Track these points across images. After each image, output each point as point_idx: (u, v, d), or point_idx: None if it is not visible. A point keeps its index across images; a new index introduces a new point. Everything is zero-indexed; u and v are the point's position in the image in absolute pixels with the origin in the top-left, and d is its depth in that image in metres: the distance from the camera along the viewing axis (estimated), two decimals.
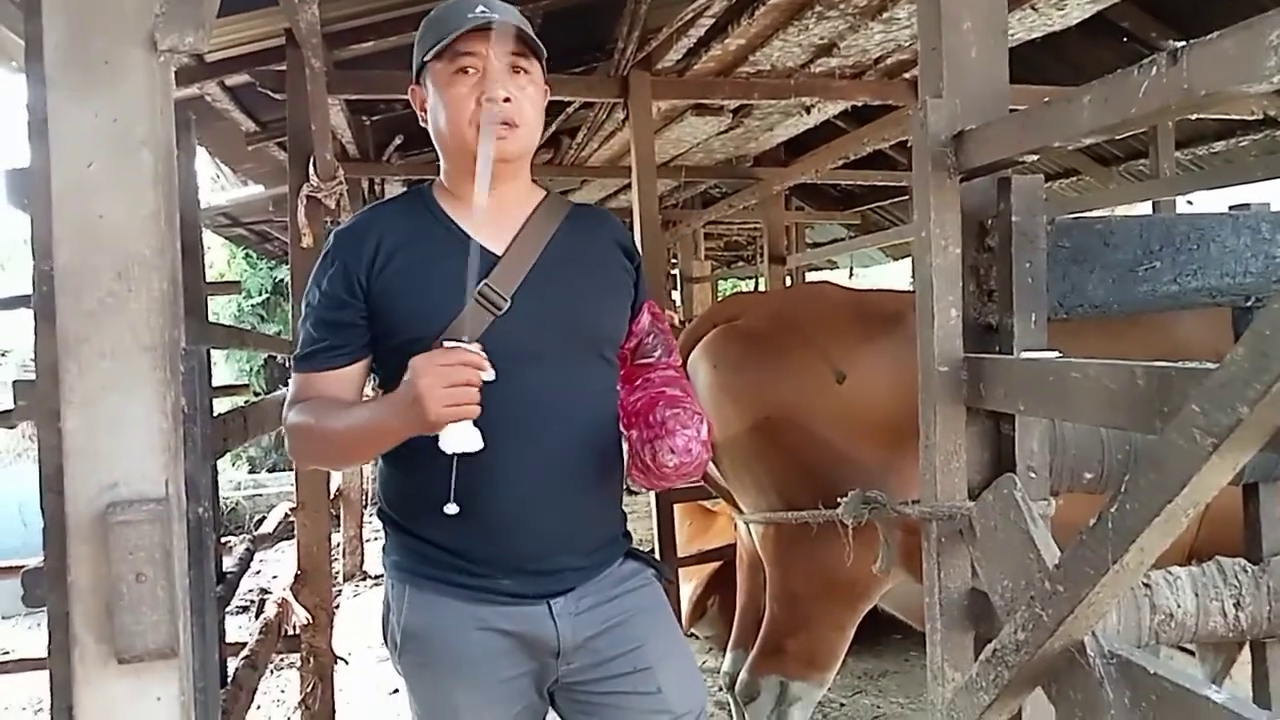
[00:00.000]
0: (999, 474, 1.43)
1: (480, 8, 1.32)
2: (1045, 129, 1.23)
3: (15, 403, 1.38)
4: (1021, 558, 1.27)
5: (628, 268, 1.48)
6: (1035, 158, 1.31)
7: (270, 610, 2.76)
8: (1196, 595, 1.44)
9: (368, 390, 1.42)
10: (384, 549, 1.46)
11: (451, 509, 1.25)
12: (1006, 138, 1.31)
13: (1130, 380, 1.08)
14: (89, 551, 1.12)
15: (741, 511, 2.29)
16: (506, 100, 1.32)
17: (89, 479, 1.13)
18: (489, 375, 1.20)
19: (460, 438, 1.20)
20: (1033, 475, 1.43)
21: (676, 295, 8.32)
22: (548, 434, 1.35)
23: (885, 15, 2.92)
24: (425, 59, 1.35)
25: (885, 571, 1.62)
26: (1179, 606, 1.42)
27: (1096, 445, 1.54)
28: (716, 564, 3.52)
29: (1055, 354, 1.34)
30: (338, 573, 5.38)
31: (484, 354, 1.19)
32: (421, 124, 1.41)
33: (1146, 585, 1.42)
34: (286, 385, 1.51)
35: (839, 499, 1.65)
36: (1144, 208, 4.57)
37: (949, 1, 1.46)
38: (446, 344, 1.19)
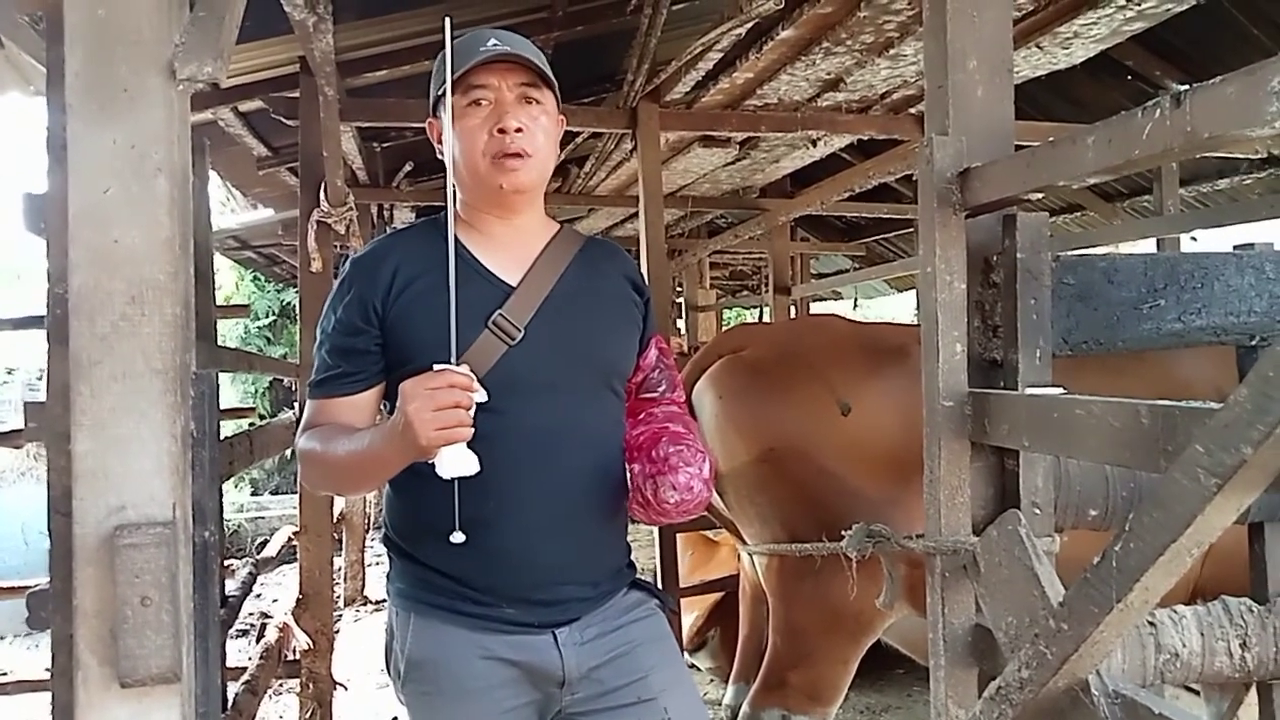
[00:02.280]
0: (1003, 509, 1.43)
1: (493, 40, 1.34)
2: (1049, 168, 1.24)
3: (25, 423, 1.39)
4: (1026, 594, 1.26)
5: (637, 302, 1.49)
6: (1040, 196, 1.33)
7: (271, 635, 2.75)
8: (1202, 634, 1.43)
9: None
10: (388, 576, 1.46)
11: (458, 538, 1.24)
12: (1011, 176, 1.33)
13: (1134, 418, 1.08)
14: (95, 574, 1.13)
15: (745, 542, 2.28)
16: (518, 130, 1.34)
17: (97, 501, 1.14)
18: (480, 396, 1.19)
19: (455, 462, 1.19)
20: (1037, 511, 1.43)
21: (681, 324, 8.34)
22: (557, 464, 1.35)
23: (892, 52, 2.96)
24: (439, 92, 1.37)
25: (889, 606, 1.61)
26: (1184, 646, 1.41)
27: (1101, 482, 1.54)
28: (718, 595, 3.50)
29: (1060, 390, 1.34)
30: (339, 597, 5.36)
31: (472, 375, 1.19)
32: (438, 156, 1.43)
33: (1151, 624, 1.41)
34: (291, 408, 1.51)
35: (843, 531, 1.65)
36: (1148, 244, 4.58)
37: (955, 40, 1.48)
38: (435, 367, 1.19)
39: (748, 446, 2.14)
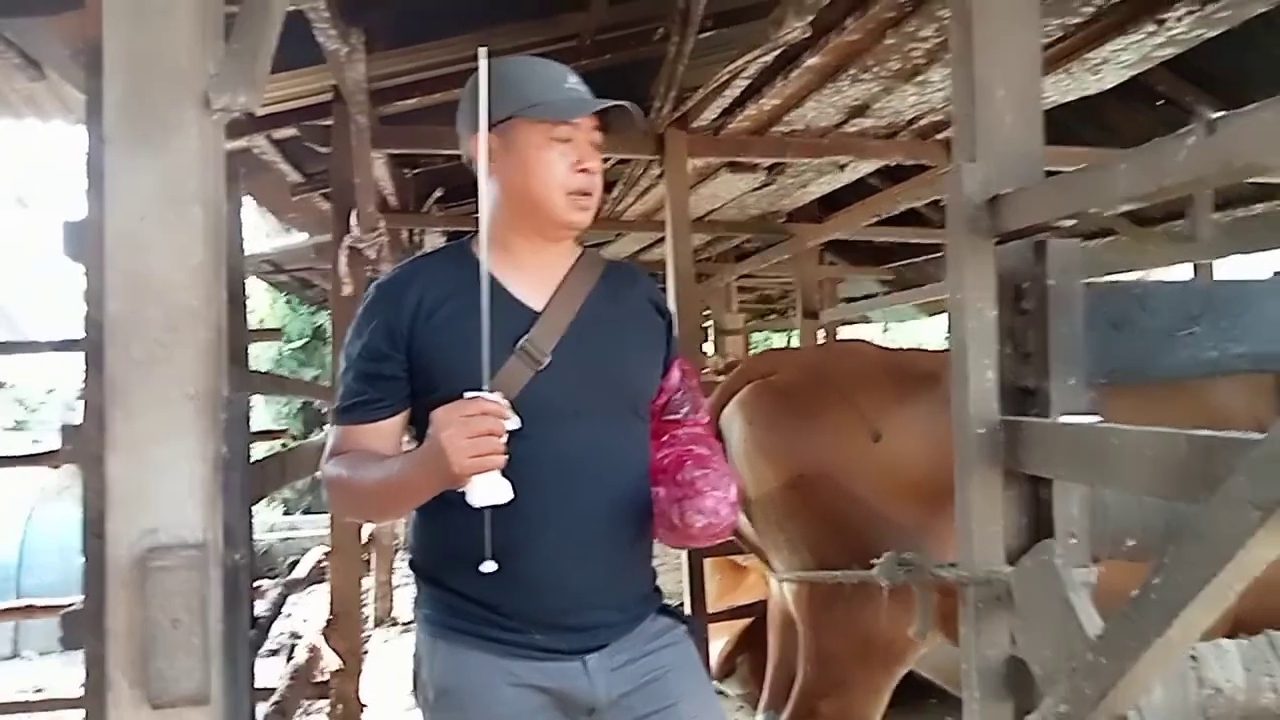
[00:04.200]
0: (1037, 539, 1.41)
1: (572, 79, 1.38)
2: (1081, 195, 1.23)
3: (62, 446, 1.41)
4: (1062, 627, 1.24)
5: (659, 324, 1.50)
6: (1071, 223, 1.31)
7: (301, 656, 2.75)
8: (1247, 670, 1.39)
9: (407, 444, 1.43)
10: (415, 601, 1.46)
11: (489, 567, 1.24)
12: (1042, 203, 1.32)
13: (1173, 448, 1.06)
14: (127, 596, 1.14)
15: (774, 570, 2.26)
16: (594, 172, 1.39)
17: (130, 524, 1.15)
18: (513, 424, 1.19)
19: (488, 490, 1.18)
20: (1072, 541, 1.40)
21: (710, 347, 8.32)
22: (584, 489, 1.35)
23: (919, 78, 2.95)
24: (504, 118, 1.34)
25: (921, 636, 1.59)
26: (1228, 681, 1.38)
27: (1138, 511, 1.50)
28: (747, 620, 3.46)
29: (1095, 419, 1.32)
30: (368, 618, 5.36)
31: (505, 402, 1.19)
32: (471, 169, 1.39)
33: (1193, 658, 1.37)
34: (323, 429, 1.52)
35: (874, 559, 1.62)
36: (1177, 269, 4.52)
37: (983, 68, 1.48)
38: (467, 394, 1.19)
39: (777, 473, 2.12)
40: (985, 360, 1.43)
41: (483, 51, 1.24)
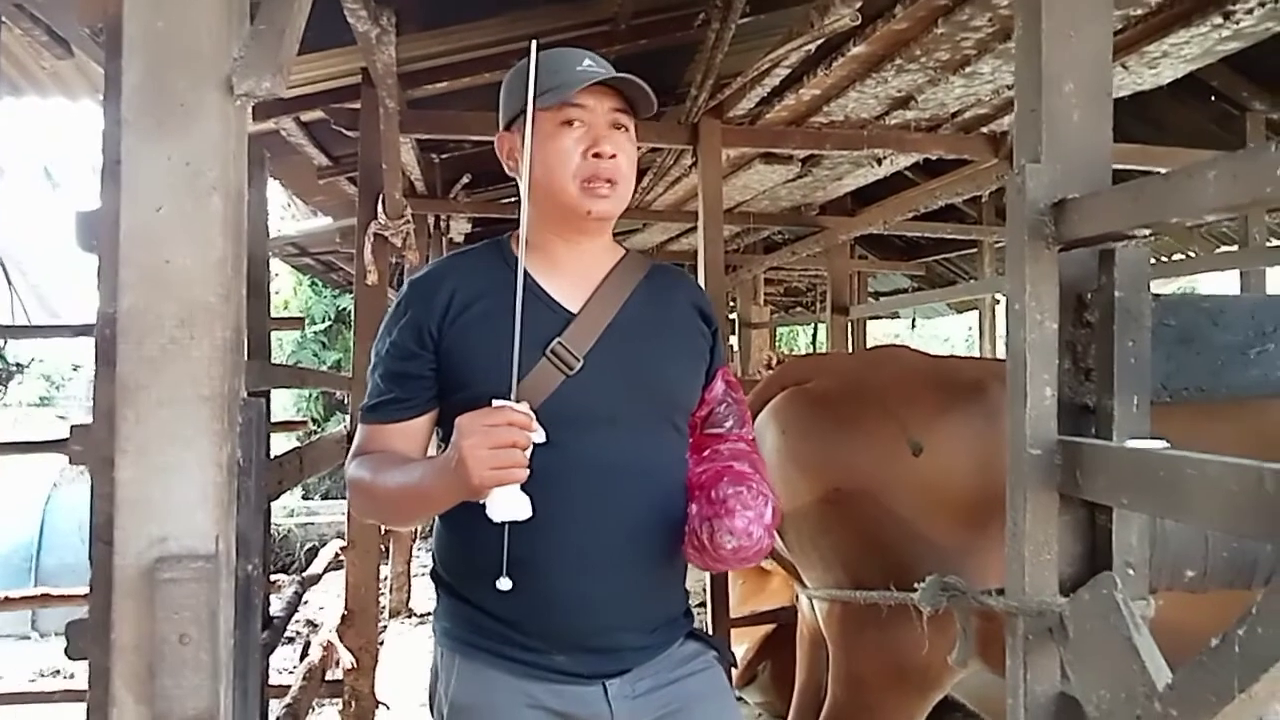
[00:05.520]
0: (1093, 568, 1.32)
1: (588, 61, 1.29)
2: (1161, 203, 1.14)
3: (70, 447, 1.36)
4: (1123, 668, 1.16)
5: (704, 332, 1.42)
6: (1147, 233, 1.22)
7: (315, 653, 2.72)
8: None
9: (433, 448, 1.37)
10: (435, 614, 1.41)
11: (504, 584, 1.19)
12: (1116, 210, 1.22)
13: (1257, 482, 0.98)
14: (134, 608, 1.09)
15: (805, 585, 2.18)
16: (612, 157, 1.29)
17: (139, 531, 1.09)
18: (539, 437, 1.14)
19: (507, 505, 1.13)
20: (1131, 572, 1.32)
21: (734, 340, 8.23)
22: (613, 503, 1.28)
23: (968, 70, 2.85)
24: (521, 108, 1.28)
25: (962, 664, 1.51)
26: None
27: (1200, 540, 1.42)
28: (770, 627, 3.40)
29: (1163, 444, 1.23)
30: (383, 608, 5.34)
31: (532, 414, 1.13)
32: (509, 172, 1.37)
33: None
34: (343, 412, 1.47)
35: (912, 580, 1.55)
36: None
37: (1050, 61, 1.38)
38: (495, 402, 1.14)
39: (811, 486, 2.03)
40: (1044, 376, 1.34)
41: (533, 44, 1.18)
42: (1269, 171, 0.97)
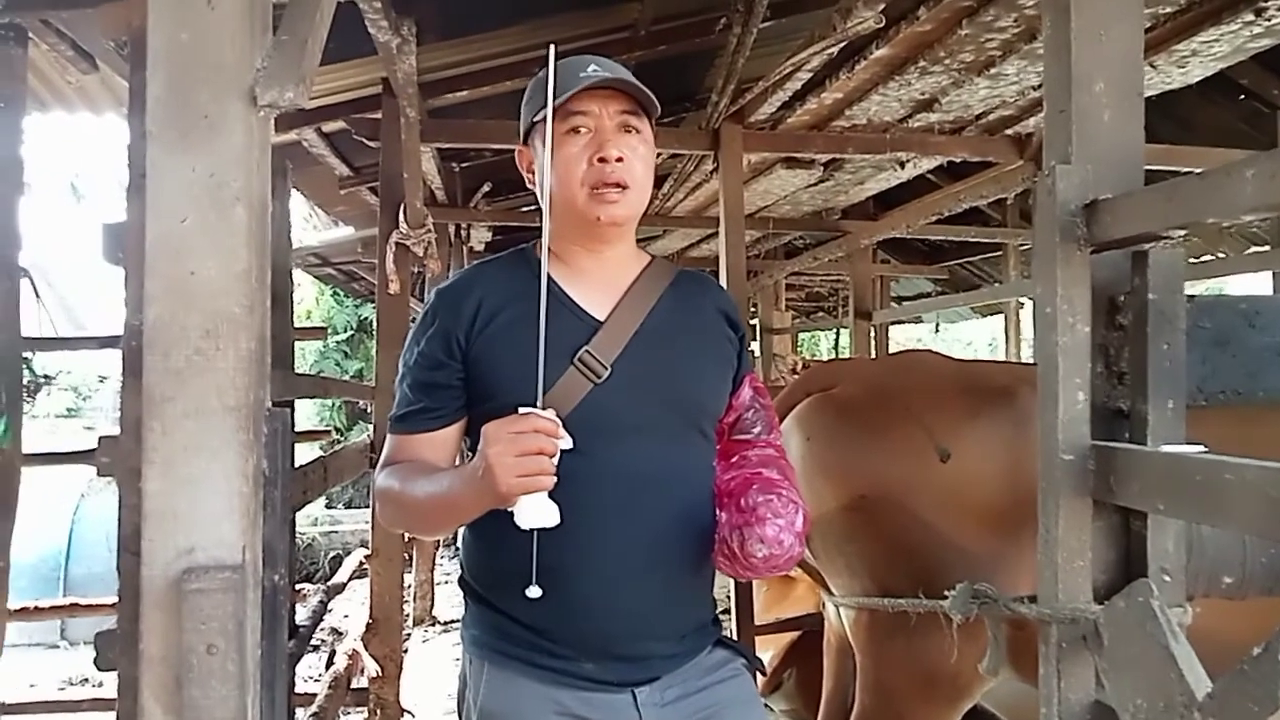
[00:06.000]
0: (1127, 574, 1.30)
1: (593, 66, 1.28)
2: (1197, 203, 1.12)
3: (98, 458, 1.37)
4: (1160, 677, 1.13)
5: (731, 338, 1.41)
6: (1181, 234, 1.20)
7: (341, 662, 2.72)
8: None
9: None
10: (463, 621, 1.40)
11: (534, 592, 1.18)
12: (1150, 210, 1.20)
13: None
14: (161, 619, 1.09)
15: (832, 593, 2.16)
16: (619, 160, 1.28)
17: (166, 543, 1.09)
18: (566, 444, 1.13)
19: (535, 512, 1.12)
20: (1167, 579, 1.30)
21: (756, 346, 8.21)
22: (642, 510, 1.27)
23: (993, 71, 2.82)
24: (535, 119, 1.31)
25: (993, 672, 1.49)
26: None
27: (1238, 546, 1.39)
28: (795, 633, 3.36)
29: (1199, 448, 1.21)
30: (408, 616, 5.36)
31: (558, 421, 1.13)
32: (529, 185, 1.37)
33: None
34: (366, 422, 1.47)
35: (940, 587, 1.52)
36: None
37: (1080, 60, 1.37)
38: (521, 410, 1.13)
39: (837, 493, 2.01)
40: (1077, 380, 1.32)
41: (551, 50, 1.17)
42: None
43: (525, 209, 5.46)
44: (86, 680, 5.09)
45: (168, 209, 1.11)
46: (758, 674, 1.44)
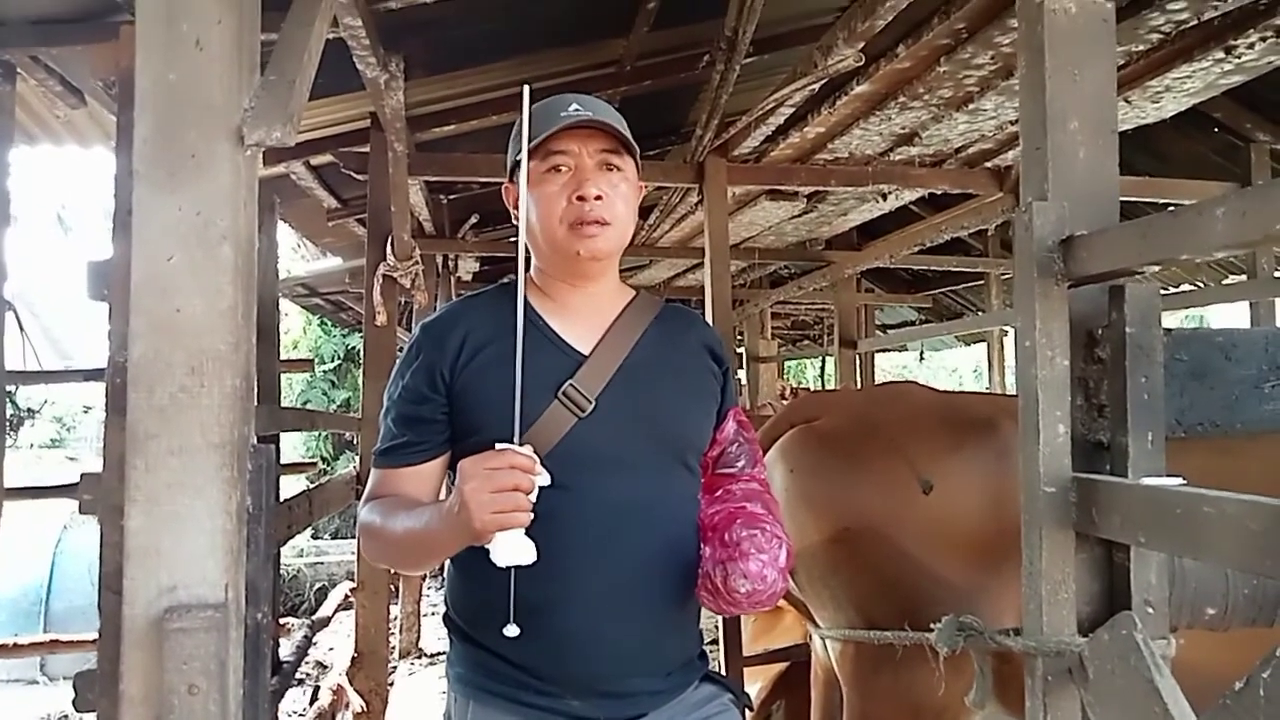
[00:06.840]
0: (1111, 606, 1.30)
1: (574, 105, 1.30)
2: (1169, 240, 1.14)
3: (80, 495, 1.36)
4: (1145, 710, 1.14)
5: (715, 372, 1.42)
6: (1155, 269, 1.22)
7: (325, 697, 2.69)
8: None
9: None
10: (448, 658, 1.39)
11: (511, 631, 1.17)
12: (1124, 247, 1.22)
13: (1277, 521, 0.96)
14: (142, 659, 1.08)
15: (818, 625, 2.15)
16: (598, 198, 1.29)
17: (148, 581, 1.09)
18: (543, 480, 1.13)
19: (510, 550, 1.11)
20: (1150, 611, 1.30)
21: (743, 374, 8.23)
22: (626, 545, 1.27)
23: (971, 106, 2.86)
24: (517, 158, 1.32)
25: (980, 705, 1.48)
26: None
27: (1220, 577, 1.40)
28: (784, 665, 3.35)
29: (1179, 481, 1.22)
30: (393, 648, 5.30)
31: (535, 457, 1.13)
32: (515, 222, 1.38)
33: None
34: (353, 452, 1.47)
35: (925, 620, 1.52)
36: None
37: (1055, 99, 1.39)
38: (498, 446, 1.13)
39: (820, 525, 2.01)
40: (1057, 413, 1.33)
41: (526, 90, 1.19)
42: (1278, 208, 0.97)
43: (512, 239, 5.44)
44: (66, 717, 5.01)
45: (154, 247, 1.12)
46: (745, 711, 1.44)
